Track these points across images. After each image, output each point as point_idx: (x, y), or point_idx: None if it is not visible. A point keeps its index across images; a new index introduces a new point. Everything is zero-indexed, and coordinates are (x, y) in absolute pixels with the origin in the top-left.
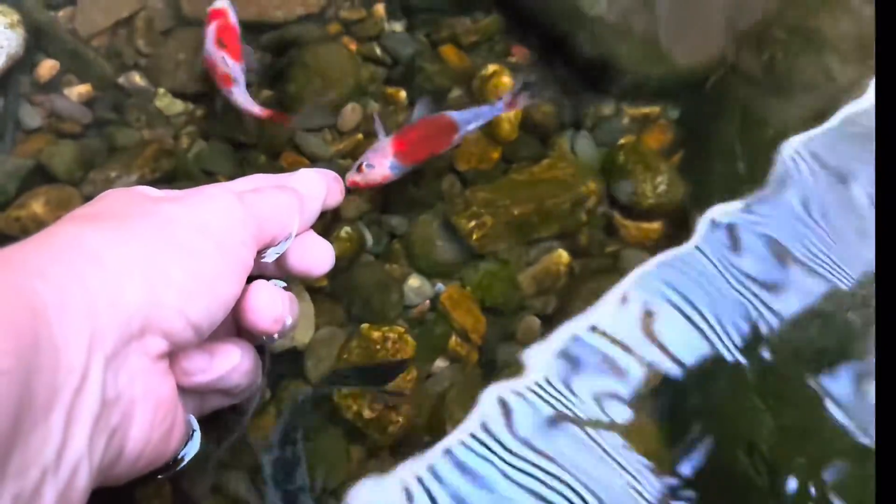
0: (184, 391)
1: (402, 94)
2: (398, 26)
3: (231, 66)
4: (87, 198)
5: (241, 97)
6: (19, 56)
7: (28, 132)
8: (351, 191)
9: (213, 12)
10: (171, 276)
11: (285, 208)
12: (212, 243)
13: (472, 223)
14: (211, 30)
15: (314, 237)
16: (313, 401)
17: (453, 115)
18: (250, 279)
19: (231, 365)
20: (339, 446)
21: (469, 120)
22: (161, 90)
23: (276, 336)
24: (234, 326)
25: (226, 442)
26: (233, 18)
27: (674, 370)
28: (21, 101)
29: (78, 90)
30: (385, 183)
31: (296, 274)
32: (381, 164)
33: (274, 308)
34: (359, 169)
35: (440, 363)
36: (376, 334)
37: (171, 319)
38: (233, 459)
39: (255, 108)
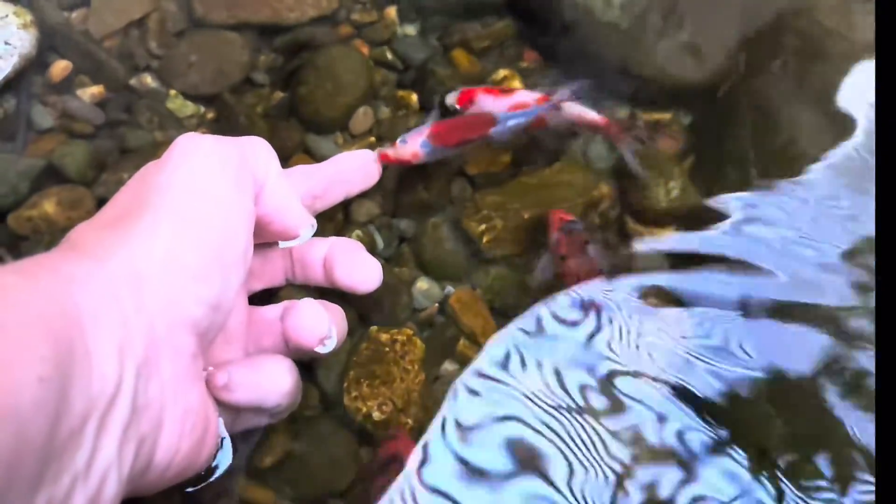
0: (220, 406)
1: (414, 97)
2: (410, 30)
3: None
4: (99, 199)
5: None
6: (32, 56)
7: (40, 132)
8: (365, 194)
9: None
10: (185, 260)
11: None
12: (210, 204)
13: (483, 226)
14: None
15: (364, 254)
16: None
17: (496, 112)
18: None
19: (274, 385)
20: (349, 448)
21: (509, 116)
22: (173, 92)
23: (320, 352)
24: (282, 342)
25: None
26: None
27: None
28: (33, 102)
29: (90, 91)
30: (415, 163)
31: (341, 288)
32: (413, 141)
33: (319, 327)
34: (392, 144)
35: (448, 366)
36: (385, 337)
37: (191, 310)
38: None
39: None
